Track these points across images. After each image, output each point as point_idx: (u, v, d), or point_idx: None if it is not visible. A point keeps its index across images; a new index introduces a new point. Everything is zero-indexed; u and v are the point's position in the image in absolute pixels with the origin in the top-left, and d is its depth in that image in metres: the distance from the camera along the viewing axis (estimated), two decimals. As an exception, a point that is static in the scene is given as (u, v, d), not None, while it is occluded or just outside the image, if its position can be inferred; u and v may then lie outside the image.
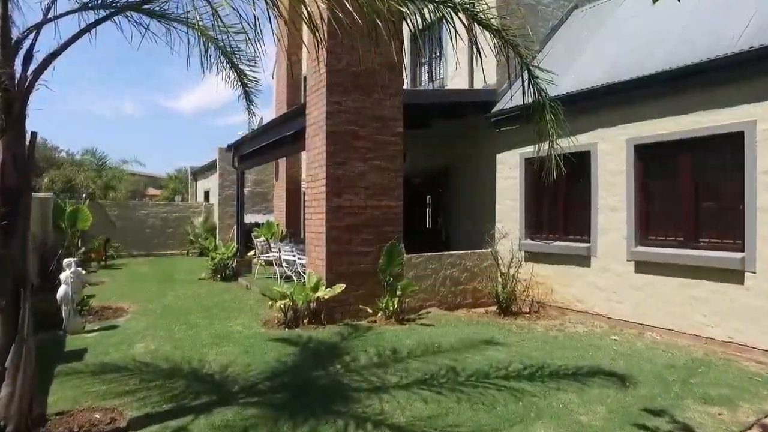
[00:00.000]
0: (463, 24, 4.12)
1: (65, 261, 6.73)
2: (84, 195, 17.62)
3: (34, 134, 3.53)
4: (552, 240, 8.29)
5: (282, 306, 7.12)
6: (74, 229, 13.71)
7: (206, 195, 22.02)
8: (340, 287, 7.17)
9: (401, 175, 8.13)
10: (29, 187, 3.49)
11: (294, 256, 9.63)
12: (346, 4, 3.20)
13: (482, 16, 4.01)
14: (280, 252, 10.48)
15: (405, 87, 8.47)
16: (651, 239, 6.78)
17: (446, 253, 8.68)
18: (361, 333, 6.74)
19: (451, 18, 3.90)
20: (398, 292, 7.44)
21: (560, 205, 8.24)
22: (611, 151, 7.20)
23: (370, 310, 7.51)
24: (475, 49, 4.05)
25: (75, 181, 18.19)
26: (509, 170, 9.11)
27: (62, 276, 6.68)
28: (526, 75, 4.25)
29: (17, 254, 3.39)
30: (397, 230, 8.02)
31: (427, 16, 3.88)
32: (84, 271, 6.99)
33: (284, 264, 10.12)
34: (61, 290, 6.65)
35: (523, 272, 8.26)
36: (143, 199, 32.50)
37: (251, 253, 13.94)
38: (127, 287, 10.82)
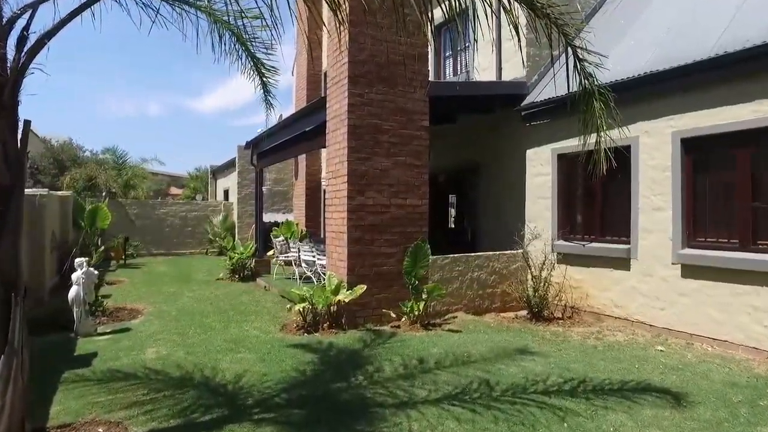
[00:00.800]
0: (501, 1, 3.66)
1: (77, 261, 6.46)
2: (104, 193, 17.58)
3: (27, 123, 3.20)
4: (587, 241, 7.75)
5: (301, 309, 6.76)
6: (94, 227, 13.58)
7: (226, 194, 21.87)
8: (361, 289, 6.77)
9: (427, 172, 7.70)
10: (22, 181, 3.16)
11: (314, 256, 9.27)
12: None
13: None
14: (299, 252, 10.13)
15: (430, 79, 8.03)
16: (700, 241, 6.22)
17: (473, 254, 8.21)
18: (384, 339, 6.33)
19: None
20: (424, 296, 7.01)
21: (596, 203, 7.70)
22: (655, 145, 6.65)
23: (393, 315, 7.09)
24: (515, 32, 3.57)
25: (96, 180, 18.14)
26: (540, 167, 8.60)
27: (73, 276, 6.42)
28: (571, 59, 3.75)
29: (7, 256, 3.07)
30: (423, 230, 7.59)
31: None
32: (96, 271, 6.71)
33: (304, 264, 9.77)
34: (73, 291, 6.39)
35: (556, 275, 7.75)
36: (166, 198, 32.65)
37: (270, 252, 13.66)
38: (144, 287, 10.59)
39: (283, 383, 4.73)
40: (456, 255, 7.97)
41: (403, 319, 7.17)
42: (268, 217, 16.75)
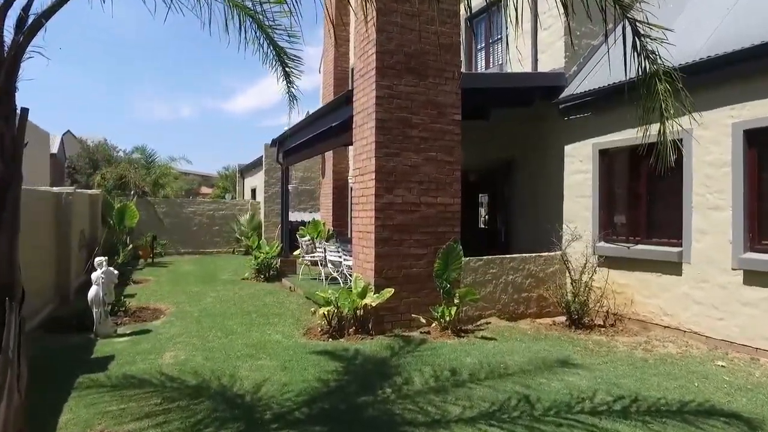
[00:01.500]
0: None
1: (96, 260, 6.27)
2: (132, 192, 17.67)
3: (24, 111, 2.93)
4: (632, 243, 7.18)
5: (325, 313, 6.42)
6: (122, 226, 13.60)
7: (253, 192, 21.82)
8: (389, 292, 6.39)
9: (459, 169, 7.26)
10: (19, 175, 2.88)
11: (340, 256, 8.94)
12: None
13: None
14: (325, 252, 9.82)
15: (462, 71, 7.58)
16: (766, 245, 5.60)
17: (508, 256, 7.72)
18: (414, 347, 5.93)
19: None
20: (456, 301, 6.58)
21: (642, 202, 7.12)
22: (712, 138, 6.05)
23: (423, 320, 6.69)
24: (563, 7, 3.11)
25: (126, 178, 18.28)
26: (580, 163, 8.06)
27: (93, 276, 6.23)
28: (629, 36, 3.26)
29: (3, 257, 2.80)
30: (455, 231, 7.16)
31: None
32: (116, 271, 6.51)
33: (330, 265, 9.45)
34: (92, 291, 6.20)
35: (597, 279, 7.20)
36: (197, 197, 32.96)
37: (296, 252, 13.42)
38: (169, 287, 10.46)
39: (305, 395, 4.39)
40: (490, 257, 7.51)
41: (434, 324, 6.77)
42: (294, 217, 16.54)
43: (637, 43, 3.24)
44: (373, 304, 6.34)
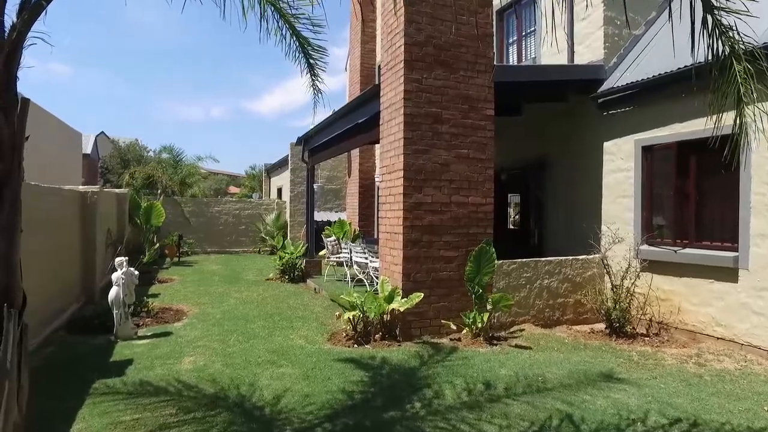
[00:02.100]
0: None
1: (116, 260, 6.12)
2: (159, 191, 17.75)
3: (25, 102, 2.70)
4: (679, 246, 6.67)
5: (351, 318, 6.12)
6: (149, 225, 13.60)
7: (279, 192, 21.74)
8: (418, 297, 6.05)
9: (492, 167, 6.88)
10: (18, 170, 2.66)
11: (366, 258, 8.64)
12: None
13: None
14: (351, 253, 9.54)
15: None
16: (836, 249, 5.06)
17: (543, 259, 7.29)
18: (444, 356, 5.58)
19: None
20: (488, 306, 6.20)
21: (691, 203, 6.60)
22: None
23: (453, 326, 6.32)
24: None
25: (154, 178, 18.39)
26: (621, 161, 7.56)
27: (113, 276, 6.08)
28: (699, 11, 2.82)
29: (1, 260, 2.57)
30: (487, 232, 6.77)
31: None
32: (136, 271, 6.34)
33: (356, 266, 9.16)
34: (113, 292, 6.04)
35: (639, 285, 6.71)
36: (225, 196, 33.22)
37: (321, 252, 13.20)
38: (193, 287, 10.34)
39: (328, 408, 4.09)
40: (524, 260, 7.10)
41: (464, 331, 6.40)
42: (320, 216, 16.35)
43: (709, 19, 2.81)
44: (401, 309, 6.02)
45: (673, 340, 6.41)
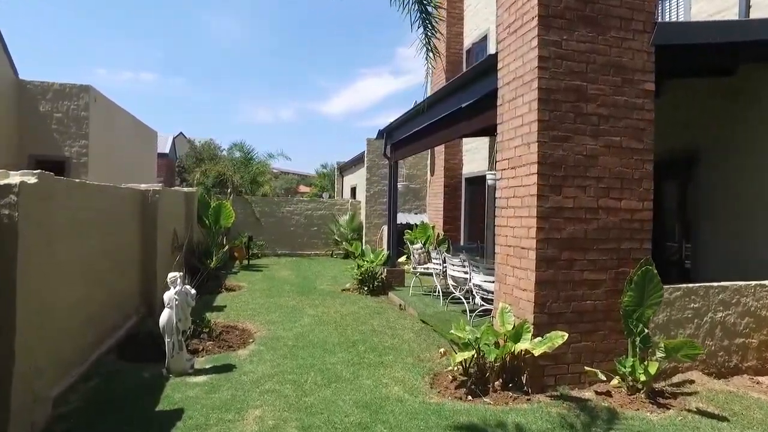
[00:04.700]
0: None
1: (169, 276, 4.90)
2: (229, 190, 17.03)
3: None
4: None
5: (464, 362, 4.58)
6: (218, 226, 12.73)
7: (353, 191, 20.56)
8: (560, 337, 4.40)
9: (651, 160, 5.10)
10: None
11: (466, 272, 7.06)
12: None
13: None
14: (444, 264, 7.99)
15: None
16: None
17: (715, 284, 5.38)
18: (599, 423, 3.90)
19: None
20: (660, 354, 4.45)
21: None
22: None
23: (602, 376, 4.62)
24: None
25: (225, 176, 17.73)
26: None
27: (165, 297, 4.88)
28: None
29: None
30: (642, 248, 5.00)
31: None
32: (193, 291, 5.10)
33: (451, 282, 7.60)
34: (164, 315, 4.85)
35: None
36: (295, 195, 32.75)
37: (402, 258, 11.77)
38: (262, 298, 9.18)
39: None
40: (689, 285, 5.26)
41: (614, 381, 4.69)
42: (399, 218, 14.94)
43: None
44: (536, 353, 4.39)
45: None
